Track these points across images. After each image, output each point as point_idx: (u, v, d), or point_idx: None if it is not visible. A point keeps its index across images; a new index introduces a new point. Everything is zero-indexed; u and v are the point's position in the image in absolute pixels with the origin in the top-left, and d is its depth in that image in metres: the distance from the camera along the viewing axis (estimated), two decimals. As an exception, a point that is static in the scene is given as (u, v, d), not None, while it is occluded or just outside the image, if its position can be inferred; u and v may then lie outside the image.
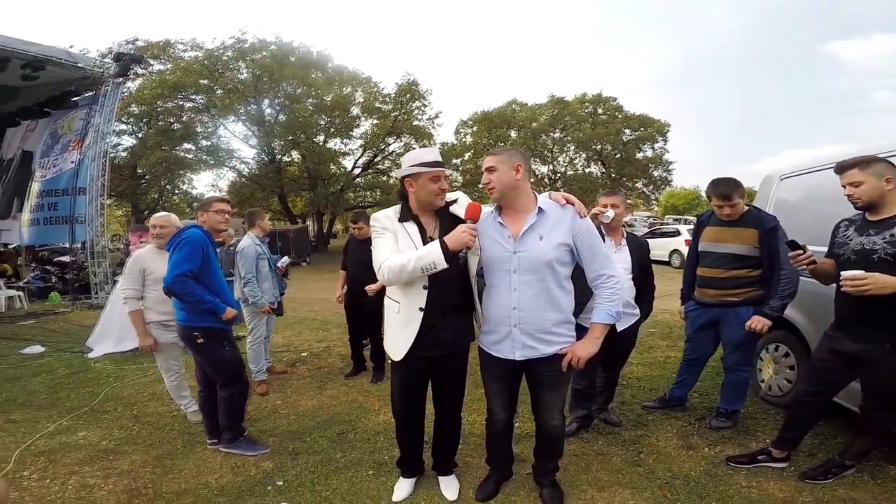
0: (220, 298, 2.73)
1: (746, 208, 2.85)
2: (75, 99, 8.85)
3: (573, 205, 1.95)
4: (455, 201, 2.09)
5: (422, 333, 1.98)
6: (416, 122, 21.29)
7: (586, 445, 2.76)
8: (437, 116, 22.42)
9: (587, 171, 29.77)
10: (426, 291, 1.97)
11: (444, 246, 1.83)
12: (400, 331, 2.02)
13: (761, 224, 2.72)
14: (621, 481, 2.37)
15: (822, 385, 2.28)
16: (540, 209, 1.93)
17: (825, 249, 2.32)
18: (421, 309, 1.97)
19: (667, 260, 13.97)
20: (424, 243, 1.95)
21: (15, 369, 4.84)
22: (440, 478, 2.35)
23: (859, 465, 2.34)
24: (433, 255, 1.83)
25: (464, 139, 27.85)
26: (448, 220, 2.03)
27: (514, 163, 1.90)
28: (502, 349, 1.99)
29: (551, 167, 29.39)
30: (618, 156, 28.32)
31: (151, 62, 17.94)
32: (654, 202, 35.39)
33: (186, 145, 19.81)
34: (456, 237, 1.83)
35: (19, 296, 9.39)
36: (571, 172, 29.29)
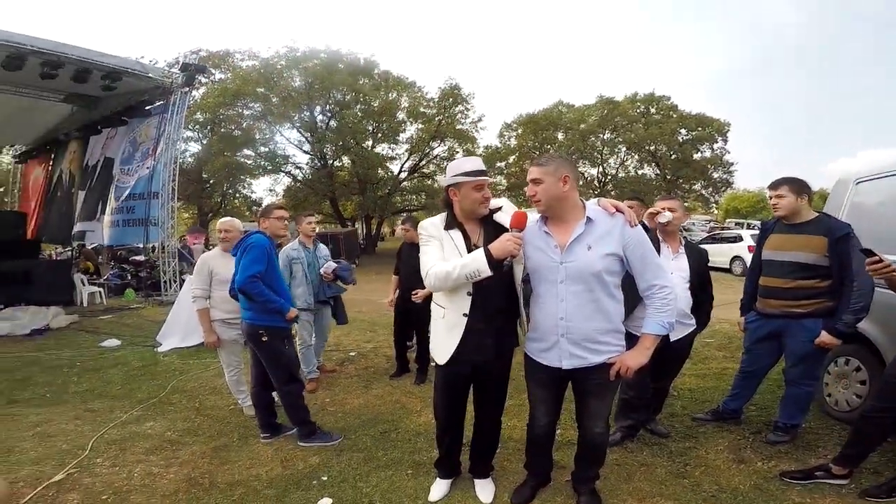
0: (283, 299, 2.91)
1: (816, 214, 2.68)
2: (148, 108, 9.60)
3: (623, 213, 1.90)
4: (500, 209, 2.10)
5: (465, 338, 2.01)
6: (459, 126, 21.43)
7: (630, 455, 2.68)
8: (479, 120, 22.52)
9: (640, 172, 28.65)
10: (470, 297, 2.00)
11: (488, 254, 1.84)
12: (445, 335, 2.06)
13: (831, 231, 2.55)
14: (664, 493, 2.30)
15: (894, 402, 2.12)
16: (588, 219, 1.89)
17: (905, 259, 2.13)
18: (465, 314, 2.00)
19: (727, 267, 13.15)
20: (469, 251, 1.98)
21: (95, 361, 5.32)
22: (476, 480, 2.37)
23: None
24: (477, 263, 1.85)
25: (508, 142, 27.57)
26: (492, 228, 2.05)
27: (561, 174, 1.87)
28: (549, 357, 1.98)
29: (601, 169, 28.53)
30: (673, 157, 27.05)
31: (213, 71, 19.18)
32: (713, 205, 33.48)
33: (247, 151, 21.00)
34: (500, 246, 1.84)
35: (100, 292, 10.32)
36: (623, 174, 28.28)
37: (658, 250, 2.76)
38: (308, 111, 20.19)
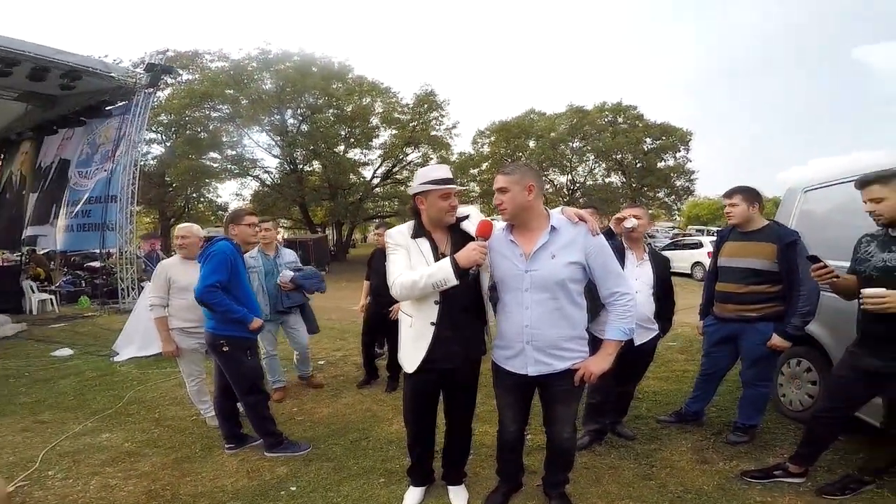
0: (248, 309, 2.82)
1: (766, 222, 2.82)
2: (109, 108, 9.23)
3: (586, 222, 1.95)
4: (467, 217, 2.12)
5: (433, 346, 2.01)
6: (433, 132, 21.53)
7: (597, 458, 2.74)
8: (454, 126, 22.71)
9: (607, 181, 29.48)
10: (438, 306, 2.00)
11: (454, 263, 1.86)
12: (412, 343, 2.06)
13: (780, 238, 2.68)
14: (632, 494, 2.35)
15: (842, 401, 2.25)
16: (552, 227, 1.92)
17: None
18: (433, 323, 2.01)
19: (689, 272, 13.69)
20: (436, 259, 1.98)
21: (45, 371, 5.04)
22: (449, 487, 2.36)
23: (878, 481, 2.28)
24: (444, 273, 1.86)
25: (481, 149, 27.92)
26: (460, 237, 2.05)
27: (526, 182, 1.89)
28: (515, 364, 2.00)
29: (570, 177, 29.22)
30: (639, 165, 27.98)
31: (180, 72, 18.62)
32: (676, 213, 34.79)
33: (212, 154, 20.43)
34: (466, 255, 1.85)
35: (51, 299, 9.78)
36: (591, 182, 29.04)
37: (623, 257, 2.86)
38: (279, 114, 19.86)
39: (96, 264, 12.25)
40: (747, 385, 2.89)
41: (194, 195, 23.90)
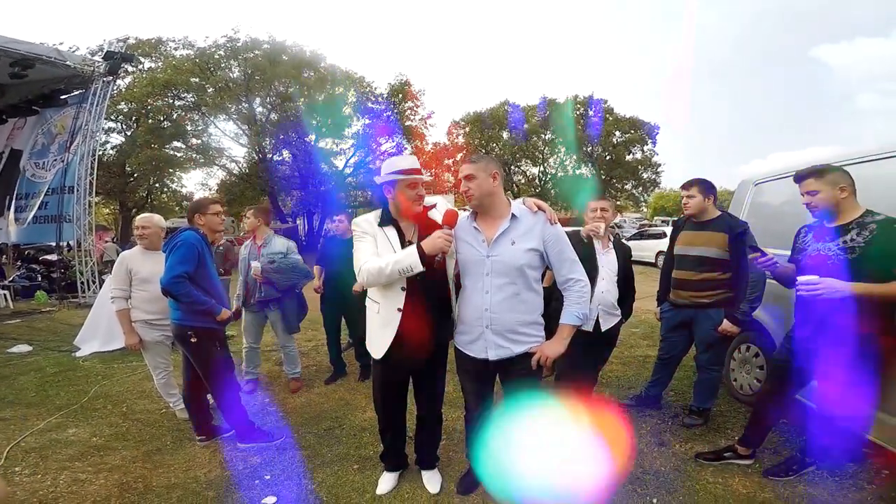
0: (215, 299, 2.79)
1: (719, 213, 2.98)
2: (64, 97, 8.79)
3: (545, 211, 2.05)
4: (434, 206, 2.18)
5: (400, 333, 2.07)
6: (408, 123, 21.36)
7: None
8: (429, 117, 22.55)
9: (578, 172, 30.03)
10: (404, 293, 2.06)
11: (420, 250, 1.92)
12: (379, 330, 2.11)
13: (731, 228, 2.84)
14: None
15: (782, 384, 2.40)
16: (513, 215, 2.01)
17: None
18: (399, 310, 2.06)
19: (653, 261, 14.18)
20: (403, 247, 2.05)
21: (2, 368, 4.84)
22: (423, 472, 2.44)
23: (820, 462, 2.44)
24: (410, 260, 1.93)
25: (456, 139, 27.98)
26: (426, 226, 2.11)
27: (491, 170, 2.00)
28: (475, 349, 2.08)
29: (542, 168, 29.65)
30: (608, 157, 28.63)
31: (142, 60, 17.80)
32: (643, 204, 35.79)
33: (176, 144, 19.66)
34: (431, 243, 1.93)
35: (4, 294, 9.31)
36: (562, 174, 29.52)
37: (592, 247, 2.99)
38: (247, 103, 19.27)
39: (53, 257, 11.72)
40: (701, 369, 3.06)
41: (157, 185, 23.00)
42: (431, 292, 2.10)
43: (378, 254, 2.05)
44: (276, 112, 19.16)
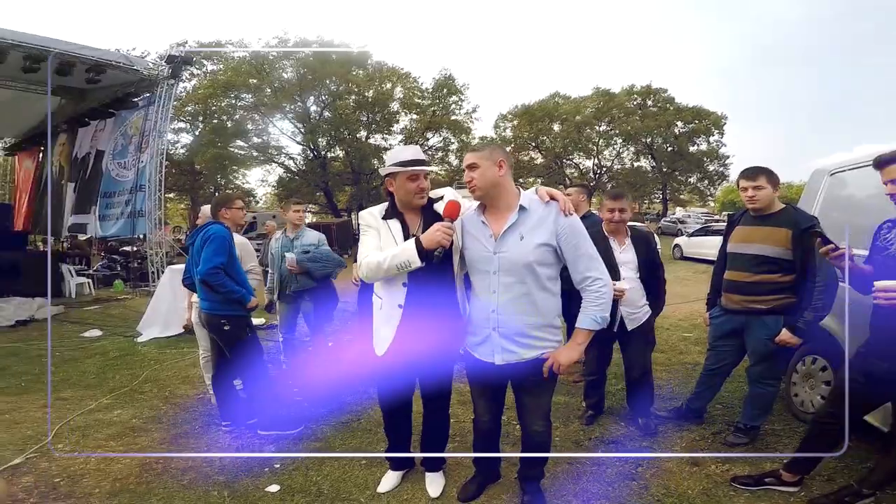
0: (244, 289, 2.92)
1: (783, 206, 2.60)
2: (136, 100, 9.53)
3: (557, 200, 1.86)
4: (441, 199, 2.08)
5: (402, 330, 1.99)
6: (454, 117, 21.38)
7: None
8: (474, 111, 22.50)
9: (636, 165, 28.64)
10: (406, 288, 1.98)
11: (418, 244, 1.83)
12: (382, 326, 2.04)
13: (796, 224, 2.45)
14: (609, 495, 2.28)
15: (843, 408, 2.03)
16: (522, 207, 1.86)
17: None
18: (400, 306, 1.98)
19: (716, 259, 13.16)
20: (407, 241, 1.95)
21: (73, 351, 5.33)
22: (427, 473, 2.36)
23: (877, 494, 2.09)
24: (408, 254, 1.84)
25: (503, 133, 27.61)
26: (432, 219, 2.01)
27: (496, 158, 1.84)
28: (483, 352, 1.95)
29: (596, 161, 28.54)
30: (669, 149, 27.04)
31: (205, 62, 19.06)
32: (709, 198, 33.53)
33: (239, 142, 20.92)
34: (430, 236, 1.82)
35: (88, 283, 10.33)
36: (619, 166, 28.29)
37: (608, 247, 2.80)
38: (301, 102, 20.11)
39: (130, 249, 12.85)
40: (753, 383, 2.73)
41: (222, 182, 24.60)
42: (435, 289, 1.99)
43: (381, 247, 1.98)
44: (328, 110, 19.83)
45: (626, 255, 2.81)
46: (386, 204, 2.11)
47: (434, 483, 2.31)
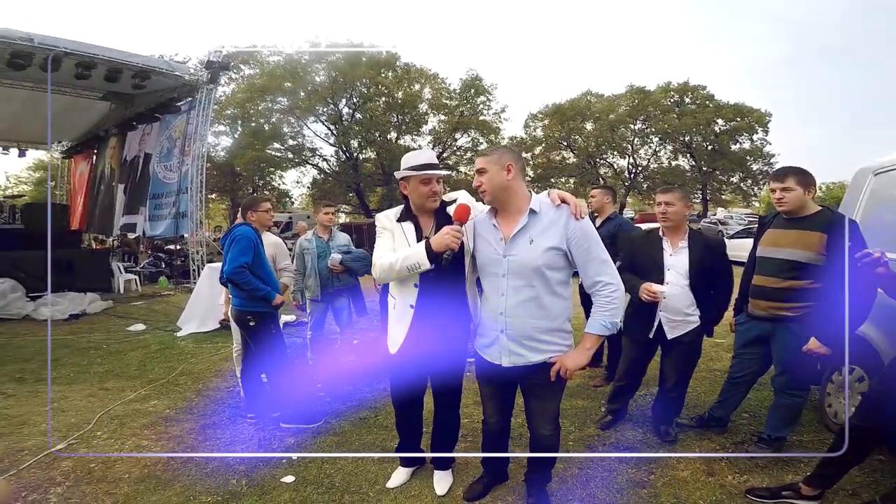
0: (269, 286, 3.05)
1: (818, 208, 2.48)
2: (179, 104, 10.05)
3: (568, 204, 1.85)
4: (454, 202, 2.11)
5: (413, 330, 2.04)
6: (482, 117, 21.38)
7: (598, 459, 2.63)
8: (503, 111, 22.49)
9: (674, 164, 27.71)
10: (417, 289, 2.03)
11: (428, 247, 1.87)
12: (395, 325, 2.10)
13: (831, 227, 2.34)
14: (618, 502, 2.25)
15: (873, 420, 1.97)
16: (532, 210, 1.86)
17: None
18: (411, 306, 2.03)
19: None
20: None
21: (119, 344, 5.69)
22: (436, 472, 2.40)
23: None
24: (417, 256, 1.88)
25: (534, 132, 27.30)
26: (445, 221, 2.04)
27: (504, 163, 1.85)
28: (491, 354, 1.97)
29: (632, 160, 27.79)
30: (709, 147, 26.02)
31: (242, 67, 19.81)
32: (753, 198, 31.99)
33: (275, 145, 21.66)
34: (439, 239, 1.85)
35: (135, 279, 10.95)
36: (655, 165, 27.45)
37: (658, 248, 2.74)
38: (333, 104, 20.62)
39: (175, 247, 13.55)
40: (779, 393, 2.62)
41: (260, 183, 25.51)
42: (446, 291, 2.03)
43: (395, 249, 2.04)
44: (359, 112, 20.24)
45: (676, 258, 2.68)
46: (401, 207, 2.17)
47: (442, 481, 2.34)
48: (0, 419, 3.27)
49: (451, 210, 2.08)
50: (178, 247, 12.97)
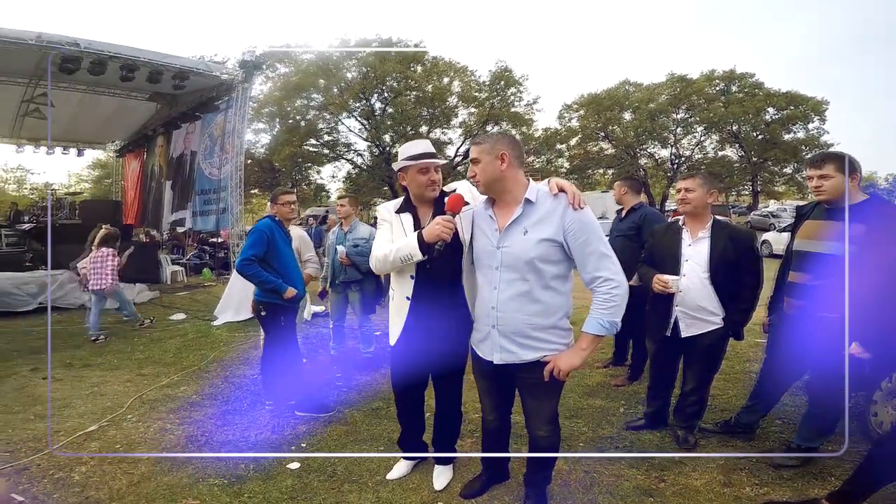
0: (285, 279, 3.11)
1: (865, 197, 2.27)
2: (218, 103, 10.47)
3: (566, 192, 1.76)
4: (454, 192, 2.08)
5: (410, 322, 2.03)
6: (513, 109, 21.08)
7: (605, 463, 2.52)
8: (535, 102, 22.03)
9: (720, 154, 26.32)
10: (413, 281, 2.02)
11: (420, 238, 1.85)
12: (394, 316, 2.11)
13: (876, 219, 2.14)
14: None
15: None
16: (528, 200, 1.78)
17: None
18: (408, 298, 2.03)
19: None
20: None
21: (160, 332, 6.00)
22: (436, 466, 2.39)
23: None
24: (409, 247, 1.87)
25: (569, 123, 26.57)
26: (443, 211, 1.99)
27: (497, 151, 1.78)
28: (483, 349, 1.93)
29: (674, 150, 26.59)
30: (759, 137, 24.50)
31: (278, 66, 20.37)
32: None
33: (311, 140, 22.22)
34: (430, 229, 1.83)
35: (181, 271, 11.57)
36: (700, 156, 26.17)
37: (677, 237, 2.61)
38: (365, 100, 20.90)
39: (218, 240, 14.20)
40: (813, 400, 2.45)
41: (298, 178, 26.25)
42: (442, 282, 2.00)
43: (392, 240, 2.03)
44: (390, 106, 20.41)
45: (695, 247, 2.52)
46: (402, 198, 2.17)
47: (441, 476, 2.33)
48: (45, 401, 3.53)
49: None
50: (221, 240, 13.57)
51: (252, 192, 24.19)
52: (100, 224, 7.63)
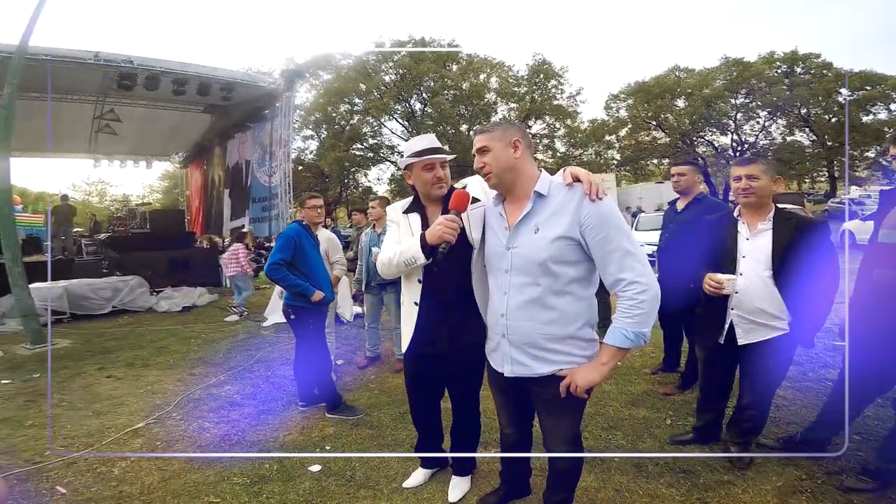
0: (313, 283, 3.16)
1: None
2: (265, 112, 10.95)
3: (581, 181, 1.54)
4: (464, 188, 1.98)
5: (420, 328, 1.94)
6: (556, 102, 20.48)
7: (643, 480, 2.31)
8: (578, 93, 21.28)
9: (789, 139, 24.26)
10: (421, 285, 1.92)
11: (423, 239, 1.75)
12: (405, 323, 2.03)
13: None
14: None
15: None
16: (538, 193, 1.59)
17: None
18: (416, 303, 1.94)
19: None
20: None
21: (214, 333, 6.31)
22: (454, 477, 2.30)
23: None
24: (412, 250, 1.78)
25: (616, 114, 25.42)
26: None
27: (510, 138, 1.61)
28: (495, 359, 1.79)
29: (735, 136, 24.78)
30: (833, 120, 22.33)
31: (320, 73, 21.00)
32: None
33: (357, 145, 22.80)
34: (432, 230, 1.72)
35: (240, 275, 12.18)
36: (766, 141, 24.25)
37: (733, 233, 2.32)
38: (405, 101, 21.14)
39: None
40: None
41: (346, 182, 27.02)
42: (453, 286, 1.88)
43: (400, 242, 1.93)
44: (429, 106, 20.50)
45: (755, 241, 2.22)
46: (411, 198, 2.08)
47: (457, 487, 2.23)
48: (104, 399, 3.79)
49: None
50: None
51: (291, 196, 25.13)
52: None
